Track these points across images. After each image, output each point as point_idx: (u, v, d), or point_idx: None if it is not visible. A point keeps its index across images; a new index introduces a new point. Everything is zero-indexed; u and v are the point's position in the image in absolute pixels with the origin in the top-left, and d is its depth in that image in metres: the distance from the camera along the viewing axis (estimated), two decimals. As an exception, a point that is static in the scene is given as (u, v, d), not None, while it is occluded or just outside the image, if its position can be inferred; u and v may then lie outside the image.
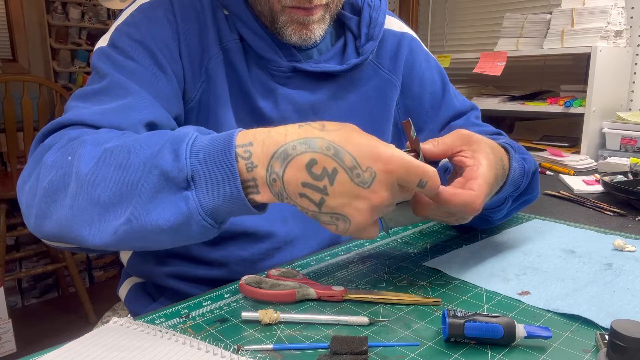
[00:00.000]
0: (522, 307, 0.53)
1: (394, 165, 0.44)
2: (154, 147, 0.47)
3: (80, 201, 0.48)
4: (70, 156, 0.51)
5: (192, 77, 0.68)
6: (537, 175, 0.71)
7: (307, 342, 0.47)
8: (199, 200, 0.45)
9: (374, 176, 0.44)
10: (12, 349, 1.93)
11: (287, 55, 0.71)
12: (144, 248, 0.53)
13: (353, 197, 0.45)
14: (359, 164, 0.44)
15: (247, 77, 0.70)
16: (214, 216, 0.47)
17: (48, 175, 0.51)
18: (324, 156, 0.44)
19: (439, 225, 0.82)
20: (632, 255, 0.67)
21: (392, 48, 0.81)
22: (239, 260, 0.70)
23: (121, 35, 0.65)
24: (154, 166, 0.46)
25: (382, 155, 0.44)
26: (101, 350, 0.44)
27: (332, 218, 0.46)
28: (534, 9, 2.08)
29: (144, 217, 0.46)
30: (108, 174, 0.48)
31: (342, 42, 0.77)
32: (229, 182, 0.45)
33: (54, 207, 0.51)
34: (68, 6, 2.85)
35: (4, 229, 2.11)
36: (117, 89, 0.60)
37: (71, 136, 0.54)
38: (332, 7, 0.69)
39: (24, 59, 2.77)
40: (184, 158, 0.45)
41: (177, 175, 0.45)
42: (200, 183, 0.45)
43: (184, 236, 0.48)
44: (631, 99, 1.74)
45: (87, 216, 0.48)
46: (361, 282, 0.60)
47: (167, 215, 0.45)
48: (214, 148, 0.46)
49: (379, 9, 0.78)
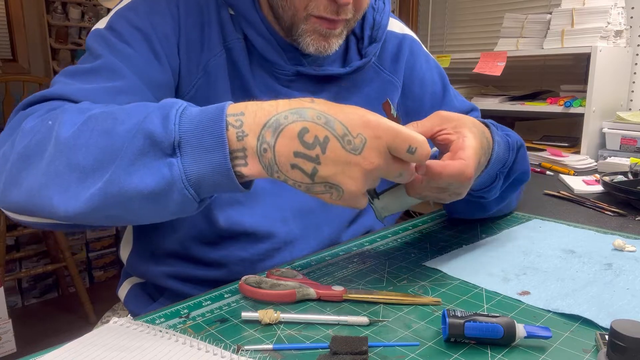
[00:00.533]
0: (522, 307, 0.53)
1: (383, 131, 0.45)
2: (142, 113, 0.46)
3: (57, 166, 0.47)
4: (50, 121, 0.49)
5: (187, 72, 0.67)
6: (523, 151, 0.71)
7: (307, 342, 0.47)
8: (183, 168, 0.44)
9: (364, 142, 0.45)
10: (12, 349, 1.93)
11: (291, 58, 0.71)
12: (117, 220, 0.49)
13: (345, 164, 0.45)
14: (350, 131, 0.45)
15: (250, 77, 0.70)
16: (197, 187, 0.45)
17: (24, 141, 0.49)
18: (316, 125, 0.44)
19: (439, 225, 0.82)
20: (632, 255, 0.67)
21: (393, 50, 0.81)
22: (238, 261, 0.70)
23: (120, 19, 0.64)
24: (141, 129, 0.45)
25: (371, 122, 0.45)
26: (101, 350, 0.44)
27: (325, 187, 0.46)
28: (534, 9, 2.08)
29: (124, 180, 0.44)
30: (91, 139, 0.46)
31: (345, 44, 0.77)
32: (217, 150, 0.44)
33: (26, 172, 0.49)
34: (68, 6, 2.85)
35: (4, 229, 2.11)
36: (109, 71, 0.59)
37: (53, 106, 0.53)
38: (351, 23, 0.69)
39: (24, 59, 2.77)
40: (173, 123, 0.45)
41: (163, 140, 0.44)
42: (187, 150, 0.44)
43: (162, 205, 0.46)
44: (631, 99, 1.74)
45: (63, 182, 0.46)
46: (361, 282, 0.60)
47: (148, 180, 0.44)
48: (204, 116, 0.45)
49: (382, 12, 0.78)
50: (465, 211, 0.79)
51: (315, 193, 0.48)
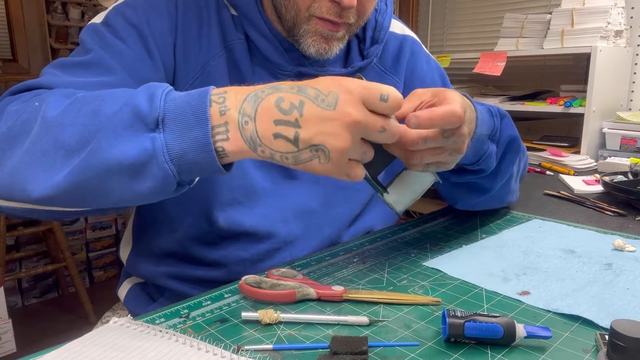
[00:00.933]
0: (522, 307, 0.53)
1: (353, 85, 0.46)
2: (129, 93, 0.48)
3: (43, 144, 0.47)
4: (37, 102, 0.49)
5: (184, 72, 0.67)
6: (508, 120, 0.72)
7: (307, 342, 0.47)
8: (165, 142, 0.45)
9: (336, 97, 0.46)
10: (12, 349, 1.93)
11: (293, 59, 0.71)
12: (92, 198, 0.49)
13: (324, 121, 0.45)
14: (321, 92, 0.46)
15: (251, 77, 0.70)
16: (177, 163, 0.46)
17: (8, 122, 0.50)
18: (290, 93, 0.46)
19: (439, 225, 0.82)
20: (632, 255, 0.67)
21: (395, 51, 0.81)
22: (239, 261, 0.70)
23: (117, 15, 0.64)
24: (127, 104, 0.46)
25: (340, 80, 0.47)
26: (101, 350, 0.44)
27: (312, 152, 0.46)
28: (534, 9, 2.08)
29: (106, 151, 0.45)
30: (78, 118, 0.47)
31: (347, 45, 0.77)
32: (199, 125, 0.45)
33: (10, 153, 0.49)
34: (68, 6, 2.85)
35: (4, 229, 2.11)
36: (98, 66, 0.59)
37: (39, 92, 0.53)
38: (353, 29, 0.69)
39: (24, 59, 2.77)
40: (159, 100, 0.46)
41: (148, 115, 0.46)
42: (171, 126, 0.46)
43: (141, 180, 0.46)
44: (631, 99, 1.74)
45: (48, 159, 0.47)
46: (361, 282, 0.60)
47: (130, 151, 0.45)
48: (189, 96, 0.47)
49: (384, 13, 0.78)
50: (468, 196, 0.77)
51: (303, 163, 0.47)
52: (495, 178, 0.71)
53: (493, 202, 0.82)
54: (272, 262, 0.70)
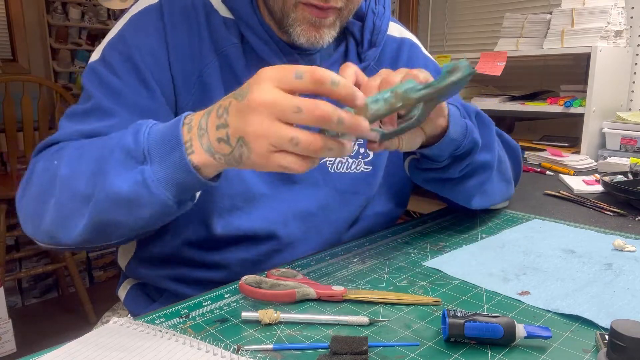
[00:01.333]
0: (522, 307, 0.53)
1: (265, 70, 0.45)
2: (121, 135, 0.53)
3: (64, 197, 0.54)
4: (56, 161, 0.57)
5: (183, 84, 0.67)
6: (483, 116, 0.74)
7: (307, 342, 0.47)
8: (152, 171, 0.50)
9: (248, 86, 0.46)
10: (12, 349, 1.93)
11: (291, 61, 0.71)
12: (113, 231, 0.56)
13: (239, 112, 0.45)
14: (245, 87, 0.46)
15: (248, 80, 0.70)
16: (168, 187, 0.50)
17: (38, 181, 0.58)
18: (226, 99, 0.48)
19: (439, 225, 0.82)
20: (632, 255, 0.67)
21: (392, 54, 0.81)
22: (239, 262, 0.70)
23: (112, 50, 0.66)
24: (118, 145, 0.52)
25: (261, 69, 0.46)
26: (101, 350, 0.44)
27: (240, 147, 0.46)
28: (534, 9, 2.08)
29: (108, 188, 0.51)
30: (84, 167, 0.53)
31: (344, 48, 0.77)
32: (175, 149, 0.49)
33: (46, 206, 0.56)
34: (68, 6, 2.85)
35: (4, 229, 2.11)
36: (101, 111, 0.63)
37: (59, 147, 0.61)
38: (344, 14, 0.68)
39: (24, 59, 2.77)
40: (142, 135, 0.51)
41: (135, 149, 0.50)
42: (155, 156, 0.50)
43: (141, 209, 0.51)
44: (631, 99, 1.74)
45: (72, 209, 0.54)
46: (361, 282, 0.60)
47: (125, 185, 0.50)
48: (167, 125, 0.51)
49: (382, 17, 0.78)
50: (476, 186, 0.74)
51: (241, 161, 0.47)
52: (486, 152, 0.71)
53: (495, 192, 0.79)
54: (273, 263, 0.70)
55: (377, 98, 0.48)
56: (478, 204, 0.76)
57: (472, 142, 0.66)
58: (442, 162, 0.68)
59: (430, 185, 0.75)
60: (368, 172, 0.78)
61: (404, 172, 0.83)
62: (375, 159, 0.78)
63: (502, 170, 0.78)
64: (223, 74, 0.69)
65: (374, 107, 0.48)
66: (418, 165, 0.72)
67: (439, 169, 0.69)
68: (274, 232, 0.70)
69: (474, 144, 0.67)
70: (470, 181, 0.72)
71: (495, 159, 0.73)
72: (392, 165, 0.81)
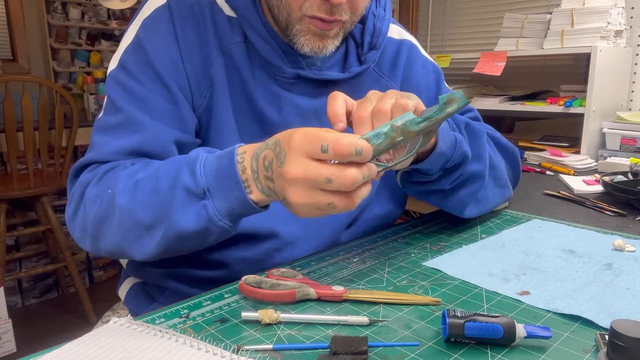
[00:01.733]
0: (522, 307, 0.53)
1: (295, 141, 0.48)
2: (175, 171, 0.57)
3: (126, 225, 0.59)
4: (110, 189, 0.60)
5: (197, 86, 0.69)
6: (473, 126, 0.75)
7: (307, 342, 0.47)
8: (214, 207, 0.55)
9: (284, 154, 0.49)
10: (12, 349, 1.93)
11: (292, 62, 0.71)
12: (181, 253, 0.62)
13: (279, 177, 0.50)
14: (281, 147, 0.50)
15: (250, 79, 0.70)
16: (229, 217, 0.56)
17: (94, 207, 0.61)
18: (269, 150, 0.51)
19: (439, 225, 0.82)
20: (632, 255, 0.67)
21: (392, 55, 0.82)
22: (239, 261, 0.70)
23: (130, 58, 0.67)
24: (178, 184, 0.56)
25: (290, 134, 0.49)
26: (101, 350, 0.44)
27: (287, 204, 0.52)
28: (534, 9, 2.08)
29: (176, 226, 0.56)
30: (144, 199, 0.58)
31: (344, 49, 0.77)
32: (235, 186, 0.54)
33: (104, 230, 0.61)
34: (68, 6, 2.85)
35: (4, 229, 2.11)
36: (132, 123, 0.65)
37: (103, 171, 0.63)
38: (348, 26, 0.69)
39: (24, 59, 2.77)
40: (199, 175, 0.55)
41: (195, 189, 0.55)
42: (215, 193, 0.55)
43: (208, 237, 0.58)
44: (631, 99, 1.74)
45: (135, 234, 0.59)
46: (361, 282, 0.60)
47: (192, 222, 0.55)
48: (221, 163, 0.55)
49: (383, 19, 0.78)
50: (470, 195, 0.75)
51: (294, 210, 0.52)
52: (477, 162, 0.72)
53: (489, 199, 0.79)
54: (273, 261, 0.70)
55: (378, 132, 0.51)
56: (471, 213, 0.77)
57: (462, 155, 0.68)
58: (433, 176, 0.69)
59: (423, 197, 0.76)
60: None
61: None
62: None
63: (496, 177, 0.79)
64: (228, 72, 0.70)
65: (376, 142, 0.50)
66: (410, 179, 0.73)
67: (430, 182, 0.71)
68: (275, 230, 0.70)
69: (464, 156, 0.68)
70: (461, 191, 0.73)
71: (486, 168, 0.74)
72: None
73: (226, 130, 0.70)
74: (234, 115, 0.70)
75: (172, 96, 0.67)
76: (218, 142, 0.69)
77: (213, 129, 0.70)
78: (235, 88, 0.70)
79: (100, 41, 3.02)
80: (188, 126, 0.68)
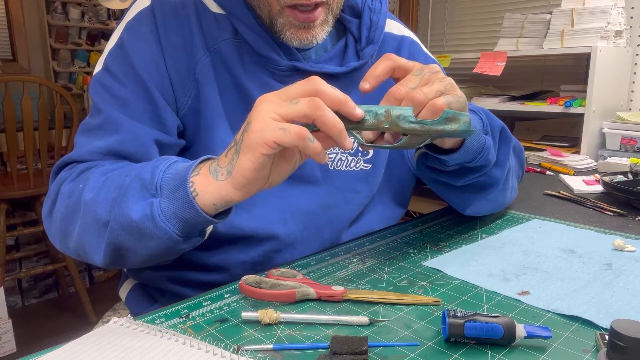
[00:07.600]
0: (522, 307, 0.53)
1: (260, 99, 0.50)
2: (142, 166, 0.57)
3: (88, 220, 0.57)
4: (81, 184, 0.60)
5: (181, 86, 0.68)
6: (489, 112, 0.73)
7: (307, 342, 0.47)
8: (159, 205, 0.53)
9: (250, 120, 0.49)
10: (12, 349, 1.93)
11: (287, 54, 0.70)
12: (129, 257, 0.58)
13: (247, 125, 0.49)
14: (247, 122, 0.50)
15: (243, 76, 0.69)
16: (174, 222, 0.53)
17: (64, 203, 0.61)
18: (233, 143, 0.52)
19: (439, 225, 0.82)
20: (632, 255, 0.67)
21: (392, 51, 0.81)
22: (239, 263, 0.70)
23: (113, 60, 0.68)
24: (138, 176, 0.55)
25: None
26: (101, 350, 0.44)
27: (244, 132, 0.51)
28: (534, 9, 2.07)
29: (122, 212, 0.54)
30: (107, 194, 0.56)
31: (343, 44, 0.77)
32: (181, 185, 0.52)
33: (72, 227, 0.60)
34: (68, 6, 2.86)
35: (4, 229, 2.11)
36: (111, 124, 0.65)
37: (80, 169, 0.63)
38: (333, 5, 0.68)
39: (24, 59, 2.77)
40: (159, 171, 0.54)
41: (149, 183, 0.54)
42: (165, 191, 0.53)
43: (148, 238, 0.54)
44: (631, 99, 1.74)
45: (94, 231, 0.57)
46: (361, 282, 0.60)
47: (136, 213, 0.53)
48: (183, 166, 0.54)
49: (379, 12, 0.77)
50: (478, 196, 0.74)
51: (239, 155, 0.50)
52: (498, 168, 0.71)
53: (498, 201, 0.80)
54: (273, 264, 0.70)
55: (371, 109, 0.50)
56: (474, 212, 0.77)
57: (485, 160, 0.66)
58: (448, 168, 0.68)
59: (431, 183, 0.75)
60: (368, 170, 0.77)
61: (406, 172, 0.83)
62: (375, 158, 0.78)
63: (507, 180, 0.77)
64: (216, 70, 0.69)
65: (365, 117, 0.50)
66: (425, 162, 0.72)
67: (443, 173, 0.69)
68: (274, 231, 0.70)
69: (487, 162, 0.66)
70: (471, 191, 0.73)
71: (504, 176, 0.73)
72: (393, 164, 0.81)
73: (217, 130, 0.69)
74: (226, 114, 0.69)
75: (152, 98, 0.67)
76: (209, 141, 0.69)
77: (203, 129, 0.69)
78: (226, 85, 0.70)
79: (100, 41, 3.03)
80: (169, 128, 0.68)
